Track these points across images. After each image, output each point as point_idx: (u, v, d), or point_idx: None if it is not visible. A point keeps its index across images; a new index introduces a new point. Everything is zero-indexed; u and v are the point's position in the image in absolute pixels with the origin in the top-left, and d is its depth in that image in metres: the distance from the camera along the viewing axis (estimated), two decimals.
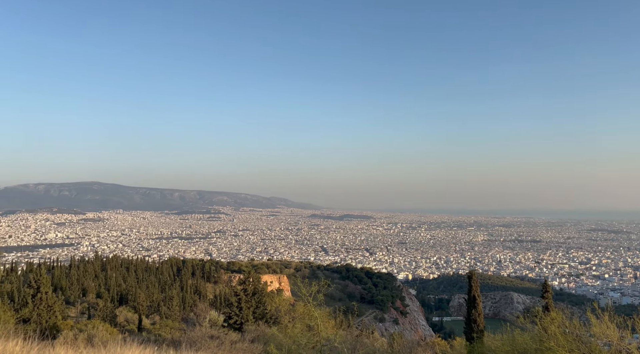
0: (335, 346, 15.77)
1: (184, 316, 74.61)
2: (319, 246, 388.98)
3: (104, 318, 59.18)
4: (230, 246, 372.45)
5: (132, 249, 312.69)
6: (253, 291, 34.80)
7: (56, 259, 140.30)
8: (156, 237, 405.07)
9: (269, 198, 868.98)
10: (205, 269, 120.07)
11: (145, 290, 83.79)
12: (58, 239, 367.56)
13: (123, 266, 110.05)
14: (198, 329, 25.76)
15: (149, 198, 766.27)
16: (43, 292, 34.70)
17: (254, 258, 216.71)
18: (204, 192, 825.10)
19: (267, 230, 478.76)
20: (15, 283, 77.38)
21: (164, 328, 49.99)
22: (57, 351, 8.83)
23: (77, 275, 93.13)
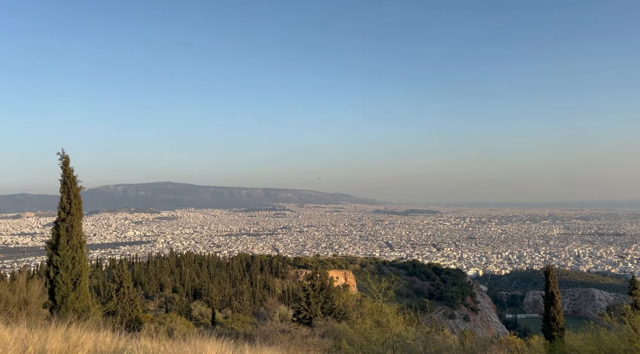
0: (407, 342, 15.51)
1: (254, 310, 76.82)
2: (384, 242, 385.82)
3: (180, 311, 62.26)
4: (296, 242, 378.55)
5: (204, 246, 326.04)
6: (321, 286, 35.09)
7: (135, 255, 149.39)
8: (226, 234, 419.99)
9: (332, 194, 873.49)
10: (273, 264, 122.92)
11: (217, 285, 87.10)
12: (136, 236, 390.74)
13: (196, 262, 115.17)
14: (269, 324, 26.35)
15: (219, 196, 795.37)
16: (125, 287, 36.97)
17: (319, 254, 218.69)
18: (269, 190, 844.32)
19: (331, 226, 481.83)
20: (100, 278, 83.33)
21: (236, 321, 51.68)
22: (142, 343, 9.21)
23: (154, 271, 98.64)
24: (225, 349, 8.59)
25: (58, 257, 18.08)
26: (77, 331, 8.96)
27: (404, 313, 29.78)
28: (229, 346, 9.33)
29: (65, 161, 19.15)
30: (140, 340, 10.36)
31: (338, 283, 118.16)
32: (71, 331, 8.66)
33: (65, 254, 18.03)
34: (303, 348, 17.22)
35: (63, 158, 19.15)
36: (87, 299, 18.71)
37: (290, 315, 36.50)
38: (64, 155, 19.14)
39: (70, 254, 18.15)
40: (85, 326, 10.11)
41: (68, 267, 17.97)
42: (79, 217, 18.95)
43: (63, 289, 17.90)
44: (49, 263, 19.15)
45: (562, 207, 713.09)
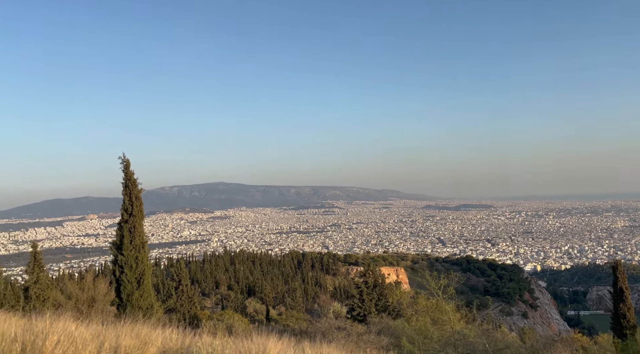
0: (469, 341, 15.05)
1: (307, 307, 77.51)
2: (436, 238, 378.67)
3: (236, 308, 63.80)
4: (346, 239, 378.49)
5: (256, 244, 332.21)
6: (373, 283, 34.85)
7: (191, 254, 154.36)
8: (277, 232, 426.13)
9: (381, 191, 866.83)
10: (323, 261, 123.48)
11: (270, 282, 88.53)
12: (191, 236, 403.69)
13: (249, 260, 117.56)
14: (325, 321, 26.44)
15: (268, 195, 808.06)
16: (184, 285, 38.21)
17: (369, 251, 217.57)
18: (317, 188, 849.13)
19: (380, 222, 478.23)
20: (159, 276, 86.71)
21: (290, 318, 52.30)
22: (205, 340, 9.37)
23: (210, 269, 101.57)
24: (287, 346, 8.57)
25: (122, 257, 18.89)
26: (144, 328, 9.24)
27: (460, 310, 29.03)
28: (290, 344, 9.32)
29: (126, 165, 19.97)
30: (202, 337, 10.58)
31: (390, 280, 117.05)
32: (139, 328, 8.94)
33: (129, 254, 18.82)
34: (360, 345, 17.12)
35: (124, 162, 19.96)
36: (151, 297, 19.45)
37: (344, 312, 36.50)
38: (124, 159, 19.95)
39: (133, 253, 18.92)
40: (151, 323, 10.42)
41: (132, 266, 18.75)
42: (140, 218, 19.71)
43: (128, 287, 18.69)
44: (114, 263, 20.06)
45: (626, 198, 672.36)
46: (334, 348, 10.14)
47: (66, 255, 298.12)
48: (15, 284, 68.04)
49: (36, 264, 28.09)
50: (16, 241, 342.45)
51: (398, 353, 16.47)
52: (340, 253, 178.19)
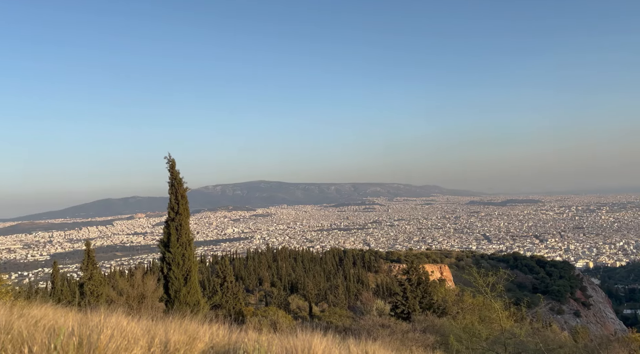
0: (520, 340, 14.50)
1: (349, 304, 77.39)
2: (481, 234, 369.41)
3: (279, 305, 64.50)
4: (387, 236, 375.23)
5: (297, 241, 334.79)
6: (417, 280, 34.34)
7: (235, 251, 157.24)
8: (317, 229, 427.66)
9: (422, 187, 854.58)
10: (365, 259, 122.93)
11: (312, 279, 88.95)
12: (235, 233, 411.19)
13: (291, 257, 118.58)
14: (368, 318, 26.27)
15: (309, 192, 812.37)
16: (229, 281, 38.95)
17: (412, 248, 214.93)
18: (357, 185, 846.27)
19: (423, 219, 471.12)
20: (205, 273, 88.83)
21: (333, 315, 52.37)
22: (251, 336, 9.42)
23: (253, 266, 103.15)
24: (331, 343, 8.49)
25: (170, 254, 19.40)
26: (192, 323, 9.38)
27: (509, 308, 28.14)
28: (335, 341, 9.24)
29: (172, 164, 20.47)
30: (248, 333, 10.65)
31: (433, 277, 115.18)
32: (187, 324, 9.08)
33: (176, 251, 19.30)
34: (405, 343, 16.87)
35: (170, 162, 20.48)
36: (197, 293, 19.89)
37: (388, 310, 36.15)
38: (170, 159, 20.46)
39: (180, 251, 19.41)
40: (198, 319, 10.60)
41: (179, 263, 19.23)
42: (186, 217, 20.17)
43: (176, 284, 19.19)
44: (161, 260, 20.64)
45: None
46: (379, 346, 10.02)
47: (117, 253, 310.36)
48: (71, 280, 71.54)
49: (90, 261, 29.36)
50: (71, 239, 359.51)
51: (445, 352, 16.14)
52: (382, 250, 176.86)
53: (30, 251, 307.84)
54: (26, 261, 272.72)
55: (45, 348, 3.75)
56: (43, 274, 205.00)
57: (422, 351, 16.26)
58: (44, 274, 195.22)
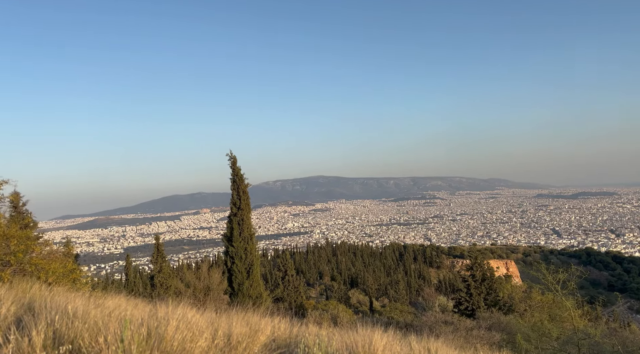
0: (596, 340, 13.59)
1: (411, 300, 76.36)
2: (550, 229, 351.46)
3: (340, 299, 64.77)
4: (449, 231, 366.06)
5: (356, 236, 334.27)
6: (482, 276, 33.21)
7: (295, 245, 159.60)
8: (376, 224, 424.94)
9: (487, 180, 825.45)
10: (426, 254, 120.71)
11: (372, 274, 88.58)
12: (295, 228, 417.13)
13: (350, 251, 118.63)
14: (430, 314, 25.76)
15: (367, 187, 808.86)
16: (289, 275, 39.60)
17: (475, 243, 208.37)
18: (417, 179, 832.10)
19: (487, 213, 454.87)
20: (267, 266, 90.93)
21: (394, 310, 51.88)
22: (311, 330, 9.44)
23: (313, 260, 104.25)
24: (393, 339, 8.34)
25: (233, 248, 19.97)
26: (254, 316, 9.55)
27: (582, 307, 26.60)
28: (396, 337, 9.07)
29: (234, 161, 21.03)
30: (309, 327, 10.70)
31: (499, 273, 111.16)
32: (249, 316, 9.24)
33: (239, 245, 19.83)
34: (469, 340, 16.37)
35: (231, 158, 21.05)
36: (260, 286, 20.35)
37: (451, 306, 35.28)
38: (232, 156, 21.03)
39: (242, 245, 19.92)
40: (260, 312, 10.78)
41: (242, 257, 19.75)
42: (248, 212, 20.67)
43: (239, 277, 19.73)
44: (225, 253, 21.30)
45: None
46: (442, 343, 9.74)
47: (184, 247, 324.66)
48: (143, 272, 75.66)
49: (159, 255, 30.87)
50: (142, 233, 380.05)
51: (512, 351, 15.49)
52: (444, 245, 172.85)
53: (106, 245, 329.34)
54: (103, 254, 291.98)
55: (117, 338, 3.92)
56: (118, 266, 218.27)
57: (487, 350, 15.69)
58: (119, 267, 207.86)
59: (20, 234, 11.58)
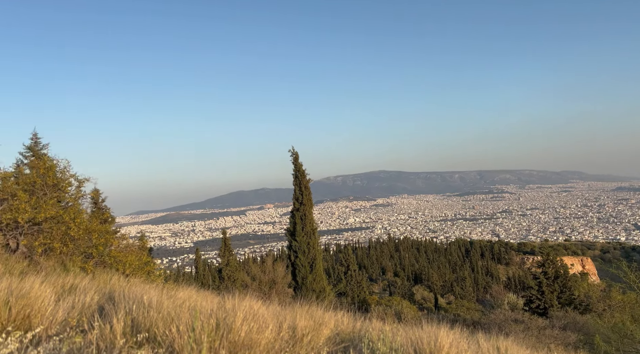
0: None
1: (478, 297, 74.05)
2: (631, 224, 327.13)
3: (403, 295, 64.04)
4: (519, 226, 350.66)
5: (420, 231, 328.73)
6: (555, 274, 31.52)
7: (357, 241, 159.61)
8: (440, 219, 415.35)
9: (559, 172, 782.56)
10: (494, 250, 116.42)
11: (437, 270, 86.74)
12: (356, 223, 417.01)
13: (414, 247, 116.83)
14: (499, 312, 24.83)
15: (430, 182, 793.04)
16: (352, 270, 39.68)
17: (547, 239, 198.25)
18: (484, 172, 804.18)
19: (559, 208, 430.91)
20: (329, 261, 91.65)
21: (460, 308, 50.56)
22: (374, 325, 9.38)
23: (375, 255, 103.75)
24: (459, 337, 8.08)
25: (296, 242, 20.31)
26: (318, 310, 9.62)
27: None
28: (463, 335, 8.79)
29: (296, 157, 21.34)
30: (372, 322, 10.65)
31: (573, 270, 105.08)
32: (313, 310, 9.32)
33: (302, 240, 20.13)
34: (542, 340, 15.62)
35: (293, 155, 21.37)
36: (323, 280, 20.56)
37: (521, 304, 33.83)
38: (294, 152, 21.35)
39: (305, 240, 20.20)
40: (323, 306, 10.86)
41: (305, 251, 20.03)
42: (309, 207, 20.92)
43: (302, 271, 20.04)
44: (289, 248, 21.71)
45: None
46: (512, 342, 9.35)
47: (249, 241, 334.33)
48: (211, 265, 78.84)
49: (226, 249, 31.99)
50: (210, 228, 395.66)
51: (589, 352, 14.59)
52: (513, 241, 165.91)
53: (177, 239, 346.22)
54: (174, 248, 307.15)
55: (189, 327, 4.10)
56: (188, 259, 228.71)
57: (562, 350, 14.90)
58: (189, 260, 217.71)
59: (100, 228, 12.43)
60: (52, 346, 3.58)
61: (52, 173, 11.89)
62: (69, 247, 11.28)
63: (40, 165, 11.96)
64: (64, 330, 4.39)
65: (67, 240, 11.28)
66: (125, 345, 3.81)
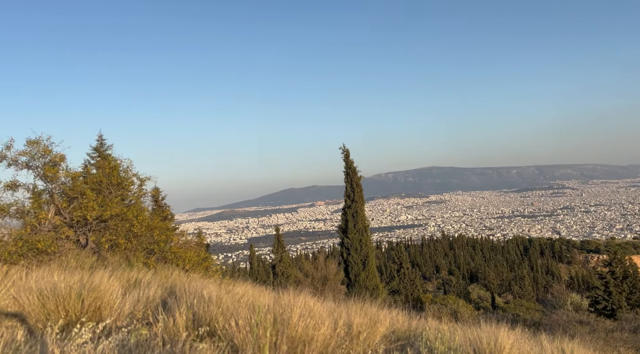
0: None
1: (538, 297, 71.12)
2: None
3: (458, 294, 62.52)
4: (582, 224, 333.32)
5: (475, 229, 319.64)
6: (623, 274, 29.71)
7: (409, 238, 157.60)
8: (497, 216, 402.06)
9: (626, 167, 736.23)
10: (555, 248, 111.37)
11: (494, 269, 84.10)
12: (408, 220, 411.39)
13: (469, 245, 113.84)
14: (562, 313, 23.72)
15: (486, 177, 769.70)
16: (405, 267, 39.21)
17: (614, 237, 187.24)
18: (543, 167, 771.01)
19: (628, 204, 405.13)
20: (381, 258, 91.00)
21: (519, 307, 48.76)
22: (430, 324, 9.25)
23: (429, 253, 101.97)
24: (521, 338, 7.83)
25: (348, 239, 20.31)
26: (372, 307, 9.59)
27: None
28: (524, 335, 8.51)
29: (346, 154, 21.33)
30: (428, 321, 10.49)
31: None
32: (366, 307, 9.30)
33: (354, 237, 20.11)
34: (610, 343, 14.78)
35: (344, 152, 21.37)
36: (375, 278, 20.45)
37: (585, 305, 32.15)
38: (345, 149, 21.34)
39: (357, 237, 20.16)
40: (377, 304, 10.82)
41: (357, 248, 20.00)
42: (361, 204, 20.85)
43: (355, 268, 20.02)
44: (341, 245, 21.74)
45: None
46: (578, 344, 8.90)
47: (301, 238, 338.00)
48: (265, 261, 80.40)
49: (279, 245, 32.52)
50: (263, 225, 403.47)
51: None
52: (575, 239, 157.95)
53: (232, 235, 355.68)
54: (229, 244, 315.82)
55: (247, 322, 4.19)
56: (242, 255, 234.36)
57: None
58: (244, 256, 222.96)
59: (161, 225, 12.98)
60: (121, 337, 3.77)
61: (116, 172, 12.53)
62: (133, 244, 11.85)
63: (106, 165, 12.64)
64: (131, 322, 4.62)
65: (130, 236, 11.86)
66: (187, 338, 3.95)
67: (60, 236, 10.48)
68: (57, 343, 3.44)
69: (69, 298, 4.62)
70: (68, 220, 11.15)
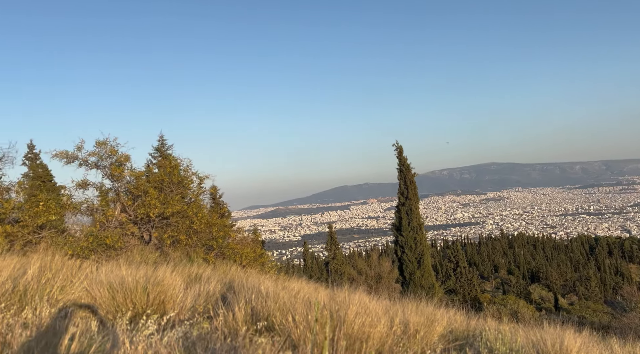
0: None
1: (605, 299, 67.19)
2: None
3: (519, 294, 60.21)
4: None
5: (536, 227, 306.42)
6: None
7: (466, 236, 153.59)
8: (560, 214, 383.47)
9: None
10: (624, 247, 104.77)
11: (557, 268, 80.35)
12: (464, 218, 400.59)
13: (529, 244, 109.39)
14: (634, 316, 22.28)
15: (547, 174, 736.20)
16: (461, 266, 38.24)
17: None
18: (610, 162, 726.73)
19: None
20: (437, 257, 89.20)
21: (585, 309, 46.30)
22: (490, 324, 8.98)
23: (486, 252, 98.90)
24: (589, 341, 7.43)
25: (402, 237, 20.06)
26: (428, 306, 9.43)
27: None
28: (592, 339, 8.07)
29: (400, 151, 21.06)
30: (487, 321, 10.19)
31: None
32: (422, 306, 9.16)
33: (408, 235, 19.84)
34: None
35: (397, 148, 21.11)
36: (431, 276, 20.09)
37: None
38: (398, 146, 21.08)
39: (411, 235, 19.88)
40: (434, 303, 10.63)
41: (411, 246, 19.72)
42: (415, 201, 20.53)
43: (410, 266, 19.76)
44: (394, 243, 21.51)
45: None
46: None
47: (354, 235, 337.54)
48: (318, 258, 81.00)
49: (332, 242, 32.64)
50: (316, 222, 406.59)
51: None
52: None
53: (285, 233, 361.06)
54: (283, 241, 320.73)
55: (304, 318, 4.23)
56: (296, 252, 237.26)
57: None
58: (297, 253, 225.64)
59: (219, 222, 13.39)
60: (184, 329, 3.93)
61: (176, 171, 13.05)
62: (193, 240, 12.31)
63: (167, 164, 13.19)
64: (193, 316, 4.81)
65: (191, 233, 12.32)
66: (246, 333, 4.06)
67: (126, 233, 11.07)
68: (126, 333, 3.64)
69: (135, 291, 4.87)
70: (132, 217, 11.75)
